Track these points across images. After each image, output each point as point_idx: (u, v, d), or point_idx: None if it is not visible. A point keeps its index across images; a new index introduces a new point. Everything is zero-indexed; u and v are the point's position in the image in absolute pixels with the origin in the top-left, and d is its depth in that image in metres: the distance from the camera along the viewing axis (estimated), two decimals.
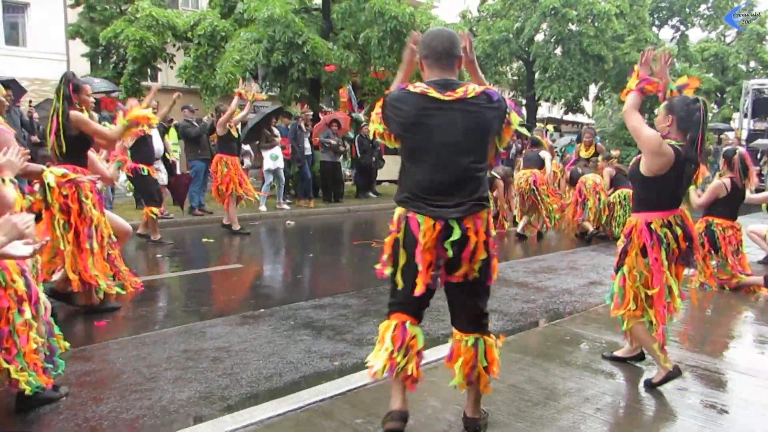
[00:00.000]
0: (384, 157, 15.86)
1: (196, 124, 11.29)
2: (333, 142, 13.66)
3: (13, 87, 9.35)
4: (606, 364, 4.06)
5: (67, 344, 3.47)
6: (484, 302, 2.90)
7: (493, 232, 2.83)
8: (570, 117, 30.39)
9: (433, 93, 2.66)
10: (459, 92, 2.66)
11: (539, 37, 24.42)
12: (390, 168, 16.01)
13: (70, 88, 4.92)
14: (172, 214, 10.65)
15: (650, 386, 3.63)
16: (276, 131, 12.45)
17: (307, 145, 13.48)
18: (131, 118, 5.21)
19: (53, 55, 21.88)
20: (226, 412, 3.31)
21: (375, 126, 2.85)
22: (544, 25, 23.55)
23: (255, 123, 12.31)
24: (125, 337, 4.58)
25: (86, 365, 3.95)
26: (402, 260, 2.78)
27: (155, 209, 8.40)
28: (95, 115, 6.77)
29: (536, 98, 25.39)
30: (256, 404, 3.37)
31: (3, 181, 3.03)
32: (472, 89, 2.69)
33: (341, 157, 14.50)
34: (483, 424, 3.04)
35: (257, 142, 12.66)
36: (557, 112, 32.57)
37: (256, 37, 13.65)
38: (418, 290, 2.70)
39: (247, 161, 12.99)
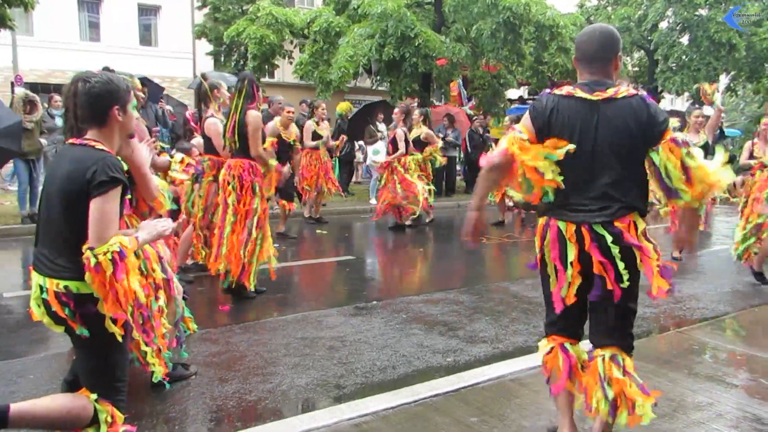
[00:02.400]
0: None
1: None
2: (449, 138, 13.62)
3: (150, 86, 10.01)
4: (741, 377, 3.78)
5: (196, 326, 3.69)
6: (629, 317, 2.65)
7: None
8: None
9: (580, 93, 2.57)
10: (609, 92, 2.55)
11: (663, 24, 23.05)
12: None
13: (253, 88, 5.20)
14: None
15: None
16: (380, 126, 12.58)
17: None
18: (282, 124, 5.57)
19: (181, 54, 23.39)
20: (341, 400, 3.40)
21: (518, 135, 2.68)
22: (670, 12, 22.18)
23: (353, 115, 12.48)
24: (247, 322, 4.81)
25: (212, 347, 4.19)
26: (551, 271, 2.65)
27: (286, 203, 8.65)
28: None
29: (659, 90, 24.01)
30: (371, 395, 3.43)
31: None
32: (624, 90, 2.56)
33: (456, 150, 14.42)
34: None
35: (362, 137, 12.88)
36: (682, 104, 30.67)
37: (369, 32, 13.87)
38: (568, 301, 2.59)
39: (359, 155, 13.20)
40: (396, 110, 9.84)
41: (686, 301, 5.77)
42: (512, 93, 21.59)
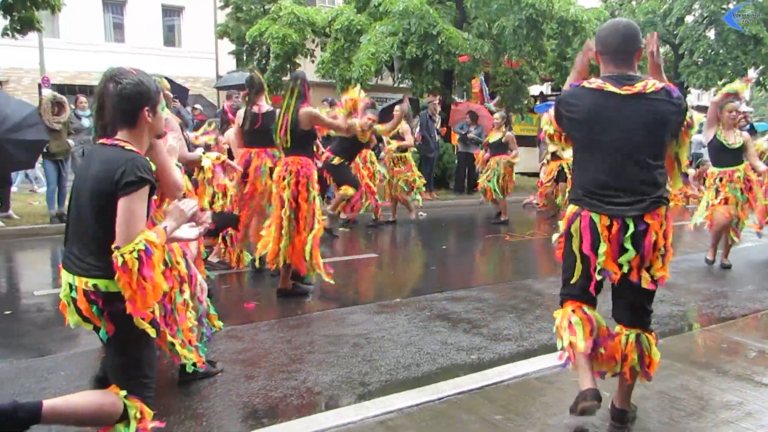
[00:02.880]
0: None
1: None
2: (472, 135, 13.56)
3: (173, 87, 10.12)
4: None
5: (221, 324, 3.72)
6: (650, 300, 2.82)
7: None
8: None
9: (610, 87, 2.62)
10: (638, 86, 2.61)
11: (689, 18, 22.67)
12: (523, 158, 15.65)
13: (305, 87, 5.28)
14: None
15: None
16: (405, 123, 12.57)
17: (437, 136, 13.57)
18: (348, 106, 5.65)
19: (204, 54, 23.61)
20: (366, 397, 3.41)
21: (545, 127, 2.84)
22: (696, 5, 21.80)
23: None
24: (272, 319, 4.85)
25: (238, 344, 4.23)
26: (577, 256, 2.76)
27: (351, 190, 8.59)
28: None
29: (684, 86, 23.63)
30: (395, 392, 3.44)
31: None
32: (651, 84, 2.62)
33: (478, 147, 14.37)
34: (631, 417, 2.96)
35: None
36: (708, 100, 30.17)
37: (391, 29, 13.83)
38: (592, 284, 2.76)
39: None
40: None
41: (715, 299, 5.69)
42: (535, 89, 21.40)
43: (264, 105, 5.99)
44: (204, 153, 5.23)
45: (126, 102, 2.46)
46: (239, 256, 6.29)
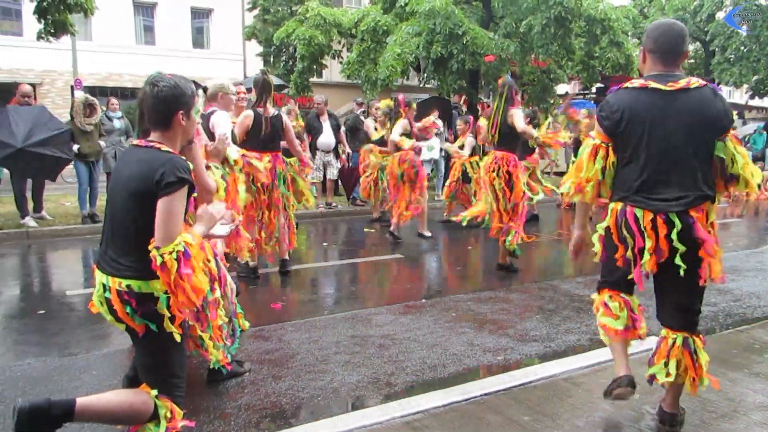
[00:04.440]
0: None
1: (362, 118, 11.67)
2: None
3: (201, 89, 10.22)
4: None
5: (248, 324, 3.75)
6: (700, 299, 2.81)
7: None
8: (757, 102, 27.41)
9: (654, 85, 2.66)
10: (681, 83, 2.64)
11: (720, 15, 22.22)
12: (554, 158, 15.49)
13: (512, 92, 6.29)
14: (338, 206, 11.16)
15: None
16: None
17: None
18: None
19: (231, 56, 23.87)
20: (392, 398, 3.42)
21: (593, 141, 2.85)
22: (728, 1, 21.37)
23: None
24: (298, 319, 4.88)
25: (265, 344, 4.27)
26: (620, 252, 2.78)
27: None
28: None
29: (716, 83, 23.16)
30: (421, 393, 3.44)
31: (208, 167, 3.33)
32: (695, 81, 2.65)
33: None
34: (680, 420, 2.93)
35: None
36: (741, 97, 29.56)
37: (417, 30, 13.83)
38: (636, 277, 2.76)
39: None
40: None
41: (746, 299, 5.58)
42: (562, 88, 21.18)
43: (270, 108, 5.93)
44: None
45: (162, 104, 2.50)
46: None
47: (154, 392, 2.49)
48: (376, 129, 9.93)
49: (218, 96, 5.12)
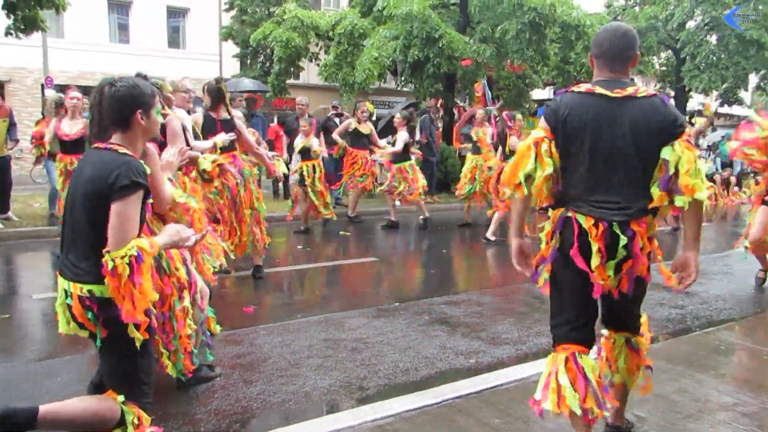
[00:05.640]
0: None
1: (336, 120, 11.64)
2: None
3: None
4: None
5: (219, 328, 3.70)
6: (638, 305, 2.79)
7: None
8: (726, 110, 27.98)
9: (600, 90, 2.55)
10: (629, 90, 2.53)
11: (691, 23, 22.67)
12: None
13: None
14: None
15: None
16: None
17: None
18: None
19: (207, 56, 23.66)
20: (364, 401, 3.41)
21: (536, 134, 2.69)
22: (698, 11, 21.80)
23: (390, 118, 12.55)
24: (271, 323, 4.85)
25: (237, 348, 4.23)
26: (561, 266, 2.61)
27: None
28: (238, 113, 7.20)
29: (686, 90, 23.61)
30: (394, 396, 3.44)
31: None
32: (643, 89, 2.56)
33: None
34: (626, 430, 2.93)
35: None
36: (710, 104, 30.09)
37: (394, 33, 13.86)
38: (595, 293, 2.56)
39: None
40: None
41: (713, 301, 5.68)
42: (537, 93, 21.42)
43: (222, 113, 5.91)
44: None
45: (120, 104, 2.46)
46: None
47: (121, 398, 2.45)
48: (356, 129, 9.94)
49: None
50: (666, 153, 2.47)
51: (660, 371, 3.69)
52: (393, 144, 9.96)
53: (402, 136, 9.55)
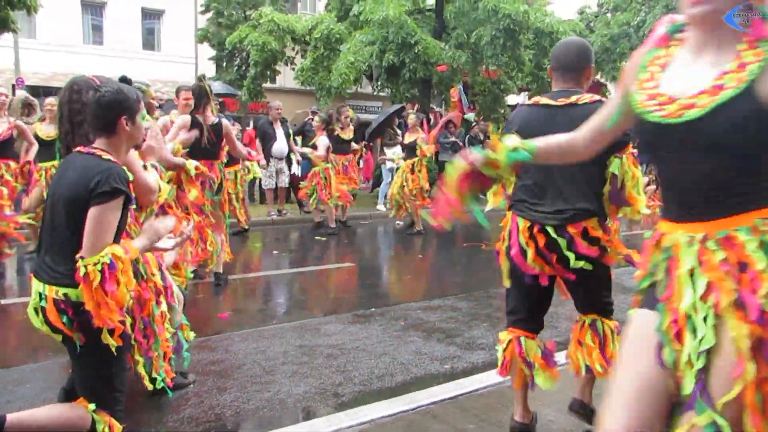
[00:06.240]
0: None
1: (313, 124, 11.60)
2: (452, 138, 13.75)
3: None
4: None
5: (193, 334, 3.67)
6: (602, 293, 2.87)
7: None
8: None
9: (545, 101, 2.75)
10: (571, 98, 2.68)
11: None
12: None
13: None
14: (289, 213, 11.08)
15: None
16: (398, 130, 12.65)
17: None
18: None
19: (183, 59, 23.43)
20: (339, 408, 3.40)
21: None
22: (668, 18, 22.25)
23: (379, 123, 12.55)
24: (246, 329, 4.82)
25: (211, 355, 4.20)
26: (508, 263, 2.85)
27: None
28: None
29: None
30: (369, 402, 3.44)
31: (146, 167, 3.25)
32: (587, 97, 2.68)
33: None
34: (590, 411, 2.97)
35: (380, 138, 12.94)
36: None
37: (371, 38, 13.92)
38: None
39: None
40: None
41: None
42: (513, 99, 21.60)
43: (210, 116, 5.74)
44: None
45: (104, 110, 2.44)
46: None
47: (92, 406, 2.42)
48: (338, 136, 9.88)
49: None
50: (614, 167, 2.62)
51: None
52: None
53: (322, 141, 9.41)
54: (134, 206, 3.01)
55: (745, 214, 1.46)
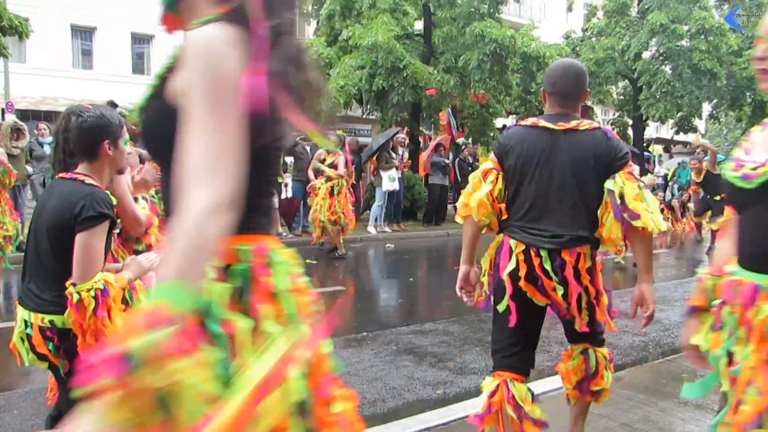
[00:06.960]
0: None
1: (306, 147, 11.56)
2: (445, 161, 13.87)
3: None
4: None
5: None
6: (593, 327, 2.76)
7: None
8: (682, 137, 28.91)
9: (544, 123, 2.67)
10: (572, 123, 2.63)
11: (646, 54, 23.49)
12: None
13: None
14: (283, 233, 11.06)
15: None
16: (393, 153, 12.68)
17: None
18: None
19: None
20: None
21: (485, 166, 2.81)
22: (653, 41, 22.63)
23: (379, 146, 12.59)
24: None
25: None
26: (498, 292, 2.70)
27: None
28: None
29: (644, 118, 24.35)
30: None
31: (137, 199, 3.24)
32: (587, 123, 2.65)
33: (446, 179, 14.52)
34: None
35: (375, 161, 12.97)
36: (667, 132, 31.09)
37: (360, 63, 14.07)
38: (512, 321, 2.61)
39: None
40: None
41: (675, 328, 5.79)
42: (501, 121, 21.81)
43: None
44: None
45: (86, 134, 2.43)
46: None
47: None
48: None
49: None
50: (609, 184, 2.56)
51: (624, 399, 3.75)
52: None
53: (341, 160, 9.45)
54: (119, 232, 2.99)
55: None
